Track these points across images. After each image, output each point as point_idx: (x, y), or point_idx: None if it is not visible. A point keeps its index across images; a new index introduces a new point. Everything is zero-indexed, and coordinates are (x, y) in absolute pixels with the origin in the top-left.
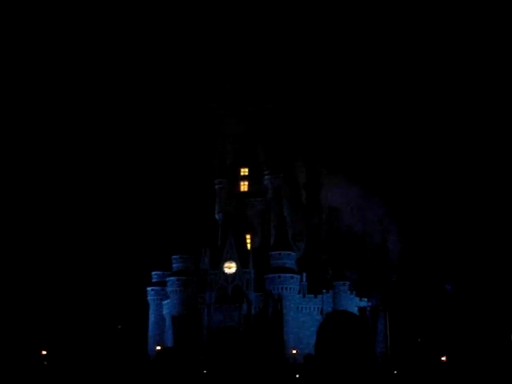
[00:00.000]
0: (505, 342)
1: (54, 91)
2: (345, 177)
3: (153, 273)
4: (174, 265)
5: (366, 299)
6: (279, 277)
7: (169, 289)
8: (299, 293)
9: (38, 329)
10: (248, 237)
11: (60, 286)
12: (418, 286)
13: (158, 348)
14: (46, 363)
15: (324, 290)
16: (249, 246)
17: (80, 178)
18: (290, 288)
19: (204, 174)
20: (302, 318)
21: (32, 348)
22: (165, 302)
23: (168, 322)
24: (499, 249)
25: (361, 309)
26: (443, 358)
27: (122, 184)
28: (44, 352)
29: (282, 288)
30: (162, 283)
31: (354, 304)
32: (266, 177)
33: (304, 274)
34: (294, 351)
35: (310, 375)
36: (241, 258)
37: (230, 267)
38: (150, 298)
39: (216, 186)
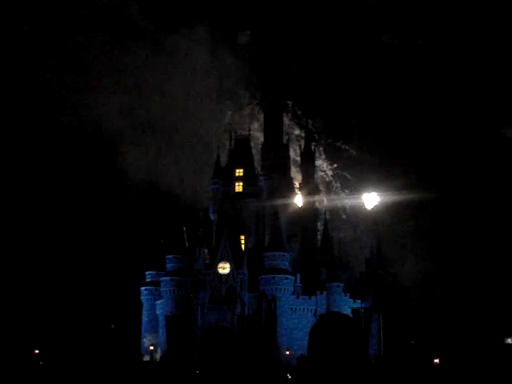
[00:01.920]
0: (499, 345)
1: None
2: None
3: (146, 273)
4: (167, 265)
5: (359, 301)
6: (273, 278)
7: (162, 289)
8: (293, 294)
9: (31, 328)
10: (242, 237)
11: (54, 285)
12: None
13: (151, 348)
14: (41, 363)
15: (318, 292)
16: (243, 246)
17: (75, 179)
18: (284, 289)
19: (201, 173)
20: (296, 319)
21: (25, 347)
22: (158, 302)
23: (161, 322)
24: (495, 249)
25: (354, 310)
26: (436, 361)
27: (118, 184)
28: (37, 351)
29: (275, 289)
30: (155, 283)
31: (347, 305)
32: (261, 177)
33: (298, 275)
34: (288, 352)
35: (302, 376)
36: (235, 258)
37: (224, 268)
38: (143, 297)
39: (211, 187)
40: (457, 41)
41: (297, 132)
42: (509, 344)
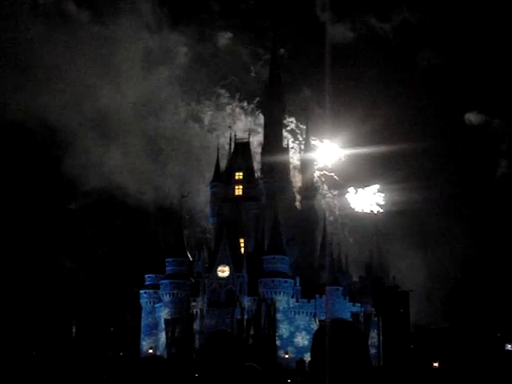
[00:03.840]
0: (499, 351)
1: None
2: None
3: (146, 276)
4: (167, 268)
5: (359, 304)
6: (273, 281)
7: (162, 292)
8: (292, 297)
9: (30, 330)
10: (242, 241)
11: (53, 287)
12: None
13: (151, 351)
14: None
15: (317, 295)
16: (242, 249)
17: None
18: (284, 292)
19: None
20: (295, 323)
21: (23, 349)
22: (158, 305)
23: (161, 325)
24: (497, 252)
25: (354, 314)
26: (435, 364)
27: (119, 185)
28: (34, 353)
29: (275, 292)
30: (155, 286)
31: (347, 309)
32: (261, 181)
33: (297, 279)
34: (287, 356)
35: (304, 381)
36: (234, 261)
37: (224, 271)
38: (142, 300)
39: (210, 190)
40: (419, 24)
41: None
42: (509, 350)
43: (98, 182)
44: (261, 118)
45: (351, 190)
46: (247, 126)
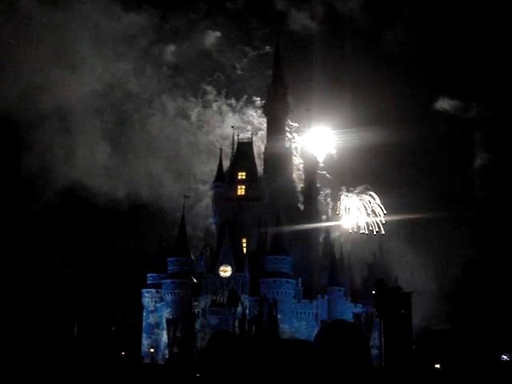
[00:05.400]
0: (495, 361)
1: None
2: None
3: (148, 275)
4: (169, 267)
5: (360, 305)
6: (274, 281)
7: (164, 291)
8: (294, 297)
9: (31, 329)
10: (244, 241)
11: (54, 286)
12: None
13: (152, 350)
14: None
15: (319, 296)
16: (245, 249)
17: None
18: (286, 292)
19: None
20: (297, 323)
21: (24, 348)
22: (159, 305)
23: (162, 325)
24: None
25: (355, 315)
26: (437, 366)
27: (121, 186)
28: (35, 352)
29: (277, 292)
30: (157, 285)
31: (349, 310)
32: (264, 181)
33: (299, 279)
34: None
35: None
36: (236, 261)
37: (226, 271)
38: (144, 300)
39: (213, 190)
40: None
41: None
42: (505, 361)
43: (62, 181)
44: (249, 116)
45: (343, 197)
46: (236, 124)
